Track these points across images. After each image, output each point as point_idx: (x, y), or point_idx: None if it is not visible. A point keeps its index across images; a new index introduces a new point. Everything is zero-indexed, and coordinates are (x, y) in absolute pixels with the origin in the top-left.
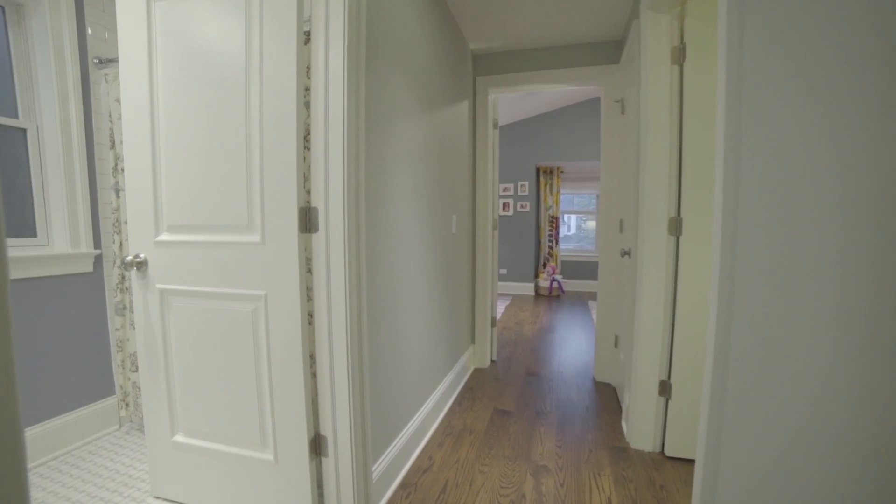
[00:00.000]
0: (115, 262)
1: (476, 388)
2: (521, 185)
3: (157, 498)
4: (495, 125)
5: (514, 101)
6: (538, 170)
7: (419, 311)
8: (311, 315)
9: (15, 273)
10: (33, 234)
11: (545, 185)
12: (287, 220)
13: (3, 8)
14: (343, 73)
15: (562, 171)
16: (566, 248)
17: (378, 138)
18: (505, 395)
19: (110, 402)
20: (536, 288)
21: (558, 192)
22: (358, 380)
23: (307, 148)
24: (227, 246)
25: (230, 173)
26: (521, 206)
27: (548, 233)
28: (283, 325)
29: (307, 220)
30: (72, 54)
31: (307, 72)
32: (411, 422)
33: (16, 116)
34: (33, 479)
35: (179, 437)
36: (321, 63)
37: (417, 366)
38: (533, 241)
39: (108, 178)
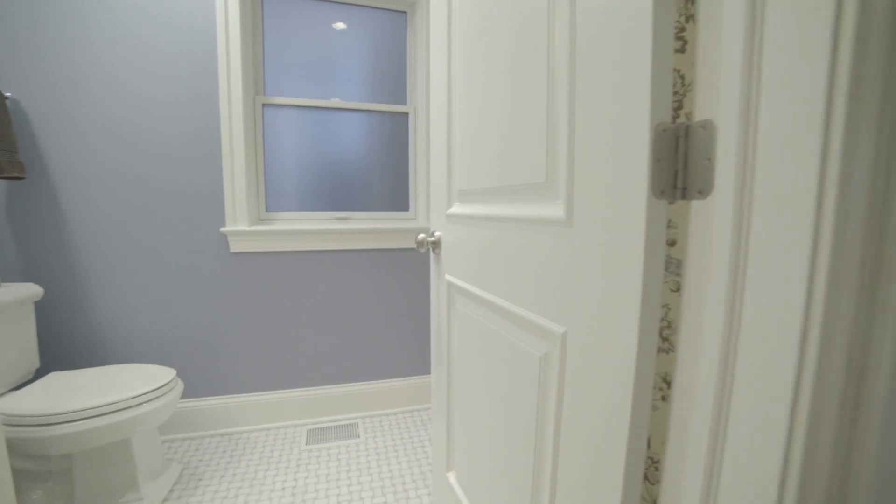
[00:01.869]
0: None
1: None
2: None
3: None
4: None
5: None
6: None
7: None
8: (666, 383)
9: (391, 244)
10: (406, 208)
11: None
12: (621, 162)
13: (405, 13)
14: None
15: None
16: None
17: None
18: None
19: None
20: None
21: None
22: None
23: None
24: (511, 225)
25: (522, 87)
26: None
27: None
28: (591, 402)
29: (678, 163)
30: None
31: None
32: None
33: (405, 104)
34: (377, 424)
35: (451, 479)
36: None
37: None
38: None
39: None
